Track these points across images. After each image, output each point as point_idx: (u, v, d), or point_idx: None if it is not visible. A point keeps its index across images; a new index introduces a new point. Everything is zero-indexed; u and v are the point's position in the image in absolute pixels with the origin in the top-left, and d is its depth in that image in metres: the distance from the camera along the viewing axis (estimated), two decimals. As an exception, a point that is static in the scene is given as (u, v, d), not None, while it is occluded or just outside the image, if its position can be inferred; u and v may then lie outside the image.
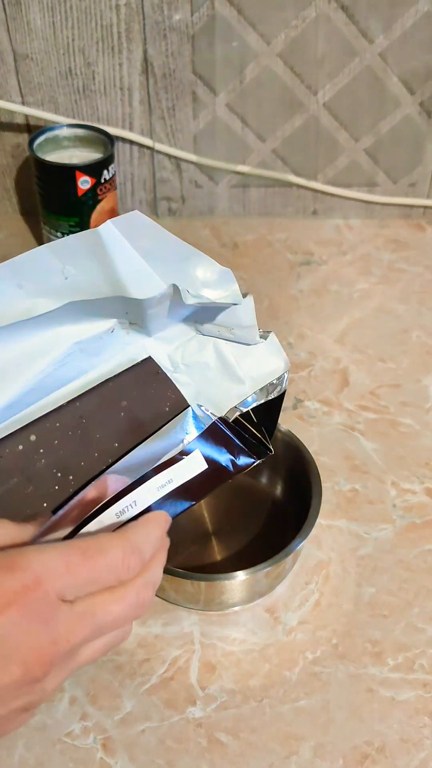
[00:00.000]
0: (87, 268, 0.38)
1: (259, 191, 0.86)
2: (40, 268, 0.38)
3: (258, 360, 0.46)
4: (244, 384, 0.45)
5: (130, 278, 0.38)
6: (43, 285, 0.39)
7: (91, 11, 0.73)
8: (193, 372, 0.46)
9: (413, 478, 0.62)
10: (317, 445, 0.64)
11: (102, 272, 0.38)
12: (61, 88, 0.78)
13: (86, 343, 0.42)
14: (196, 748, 0.47)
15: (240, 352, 0.46)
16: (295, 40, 0.75)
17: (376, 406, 0.68)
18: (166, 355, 0.45)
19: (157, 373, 0.44)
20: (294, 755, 0.47)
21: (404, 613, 0.54)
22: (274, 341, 0.46)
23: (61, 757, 0.47)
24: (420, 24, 0.74)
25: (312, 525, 0.52)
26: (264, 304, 0.77)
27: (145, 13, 0.73)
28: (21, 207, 0.87)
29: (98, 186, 0.75)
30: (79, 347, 0.42)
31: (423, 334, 0.75)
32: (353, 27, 0.74)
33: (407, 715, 0.49)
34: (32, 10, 0.73)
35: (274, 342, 0.46)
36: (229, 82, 0.78)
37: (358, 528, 0.59)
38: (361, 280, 0.81)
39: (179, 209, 0.87)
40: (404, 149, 0.83)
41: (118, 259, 0.38)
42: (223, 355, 0.45)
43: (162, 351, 0.45)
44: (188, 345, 0.45)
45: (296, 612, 0.54)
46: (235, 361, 0.45)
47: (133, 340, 0.45)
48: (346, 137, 0.82)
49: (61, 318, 0.40)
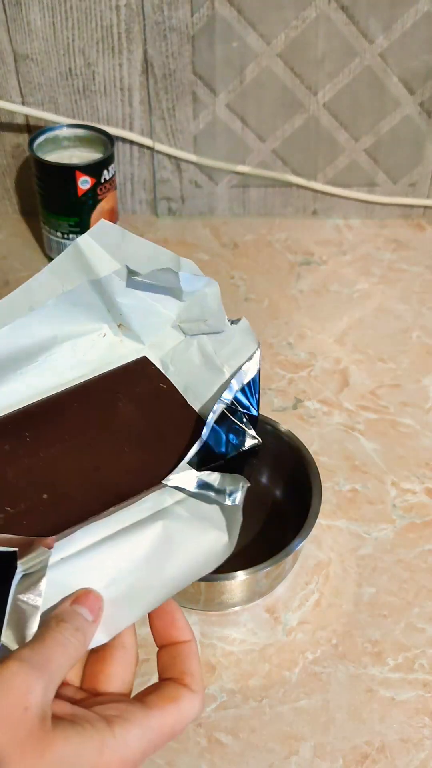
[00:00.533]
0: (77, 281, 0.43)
1: (259, 191, 0.86)
2: (46, 290, 0.42)
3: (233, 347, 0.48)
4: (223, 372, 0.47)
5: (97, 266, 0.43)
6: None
7: (91, 11, 0.73)
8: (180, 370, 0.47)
9: (413, 478, 0.62)
10: (317, 445, 0.64)
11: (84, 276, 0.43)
12: (61, 88, 0.78)
13: (80, 344, 0.45)
14: (196, 748, 0.47)
15: (218, 343, 0.48)
16: (295, 40, 0.75)
17: (376, 406, 0.68)
18: (158, 359, 0.47)
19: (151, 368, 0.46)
20: (294, 755, 0.47)
21: (404, 613, 0.54)
22: (246, 325, 0.48)
23: (61, 757, 0.47)
24: (420, 24, 0.74)
25: (312, 525, 0.52)
26: (264, 304, 0.77)
27: (145, 13, 0.73)
28: (21, 207, 0.87)
29: (98, 186, 0.75)
30: (72, 348, 0.45)
31: (423, 334, 0.75)
32: (353, 27, 0.74)
33: (407, 715, 0.49)
34: (32, 11, 0.73)
35: (246, 326, 0.48)
36: (229, 83, 0.78)
37: (358, 528, 0.59)
38: (361, 280, 0.81)
39: (179, 209, 0.87)
40: (404, 149, 0.83)
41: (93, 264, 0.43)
42: (204, 349, 0.48)
43: (155, 356, 0.47)
44: (177, 348, 0.47)
45: (296, 612, 0.54)
46: (215, 352, 0.47)
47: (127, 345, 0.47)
48: (346, 137, 0.82)
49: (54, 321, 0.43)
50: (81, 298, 0.43)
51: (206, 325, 0.47)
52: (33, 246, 0.84)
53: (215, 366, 0.47)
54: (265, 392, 0.69)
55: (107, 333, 0.46)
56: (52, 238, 0.79)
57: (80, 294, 0.43)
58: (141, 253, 0.44)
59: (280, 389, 0.69)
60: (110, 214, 0.79)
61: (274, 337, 0.74)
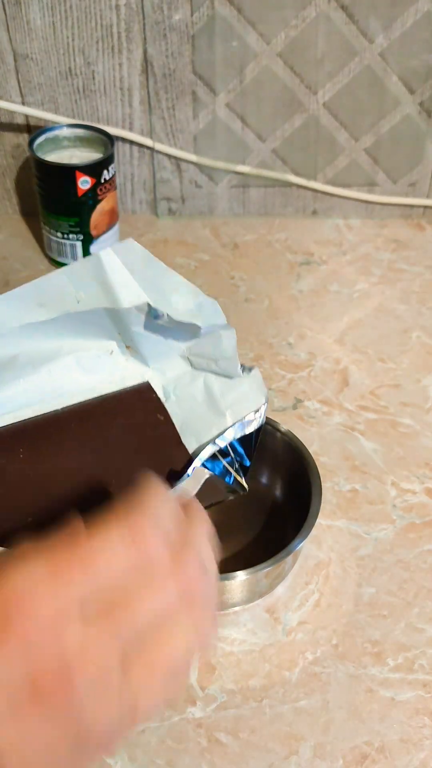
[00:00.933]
0: (93, 293, 0.41)
1: (259, 191, 0.86)
2: (59, 292, 0.41)
3: (241, 394, 0.48)
4: (224, 417, 0.47)
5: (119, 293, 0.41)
6: (61, 307, 0.41)
7: (91, 11, 0.73)
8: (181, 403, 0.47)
9: (413, 478, 0.62)
10: (317, 445, 0.64)
11: (102, 293, 0.42)
12: (61, 88, 0.78)
13: (85, 358, 0.45)
14: (196, 748, 0.47)
15: (226, 386, 0.47)
16: (295, 40, 0.75)
17: (376, 406, 0.68)
18: (160, 385, 0.47)
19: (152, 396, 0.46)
20: (294, 755, 0.47)
21: (404, 613, 0.54)
22: (258, 376, 0.48)
23: (61, 757, 0.47)
24: (420, 24, 0.74)
25: (312, 525, 0.52)
26: (264, 304, 0.77)
27: (145, 13, 0.73)
28: (21, 207, 0.87)
29: (98, 186, 0.75)
30: (77, 361, 0.44)
31: (423, 334, 0.75)
32: (353, 27, 0.74)
33: (407, 715, 0.49)
34: (32, 10, 0.73)
35: (257, 377, 0.48)
36: (229, 82, 0.78)
37: (358, 528, 0.59)
38: (361, 280, 0.81)
39: (179, 209, 0.87)
40: (404, 149, 0.83)
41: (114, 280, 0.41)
42: (210, 389, 0.47)
43: (158, 381, 0.47)
44: (182, 378, 0.47)
45: (296, 612, 0.54)
46: (220, 394, 0.47)
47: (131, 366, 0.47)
48: (346, 137, 0.82)
49: (64, 332, 0.43)
50: (93, 317, 0.43)
51: (217, 366, 0.46)
52: (33, 246, 0.84)
53: (218, 409, 0.47)
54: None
55: (114, 350, 0.46)
56: (52, 238, 0.79)
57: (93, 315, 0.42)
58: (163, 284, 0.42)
59: (280, 389, 0.69)
60: (110, 214, 0.79)
61: (274, 337, 0.74)
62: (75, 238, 0.78)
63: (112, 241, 0.80)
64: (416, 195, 0.86)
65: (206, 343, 0.45)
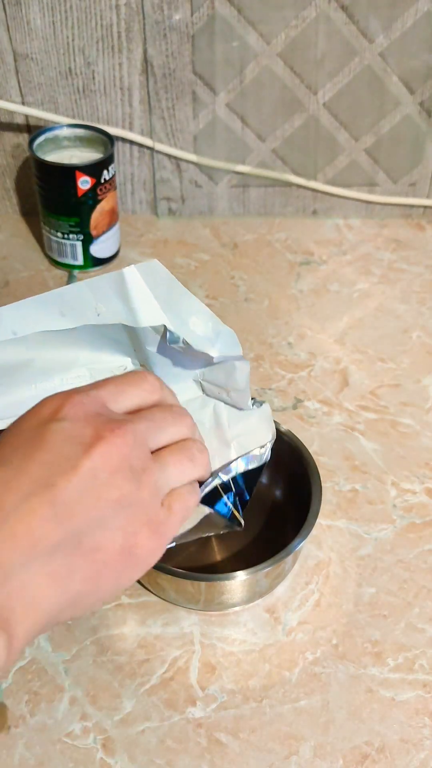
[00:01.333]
0: (113, 308, 0.42)
1: (259, 191, 0.86)
2: (80, 302, 0.42)
3: (248, 427, 0.48)
4: (229, 448, 0.47)
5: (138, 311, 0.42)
6: (81, 318, 0.42)
7: (91, 11, 0.73)
8: None
9: (413, 478, 0.62)
10: (317, 445, 0.64)
11: (122, 309, 0.42)
12: (61, 88, 0.78)
13: (98, 371, 0.45)
14: (196, 748, 0.47)
15: (234, 417, 0.47)
16: (295, 40, 0.75)
17: (376, 406, 0.68)
18: None
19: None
20: (294, 755, 0.47)
21: (404, 614, 0.54)
22: (267, 412, 0.48)
23: (61, 757, 0.47)
24: (420, 24, 0.74)
25: (312, 525, 0.52)
26: (264, 304, 0.77)
27: (145, 12, 0.73)
28: (21, 207, 0.87)
29: (98, 186, 0.75)
30: (90, 373, 0.45)
31: (423, 334, 0.75)
32: (353, 27, 0.74)
33: (407, 716, 0.49)
34: (32, 10, 0.73)
35: (267, 413, 0.48)
36: (229, 82, 0.78)
37: (358, 528, 0.59)
38: (361, 280, 0.81)
39: (179, 209, 0.87)
40: (404, 149, 0.83)
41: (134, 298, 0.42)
42: (219, 417, 0.48)
43: None
44: (193, 402, 0.48)
45: (296, 612, 0.54)
46: (228, 424, 0.47)
47: None
48: (346, 137, 0.82)
49: (81, 343, 0.44)
50: (112, 332, 0.43)
51: (228, 396, 0.46)
52: (33, 246, 0.84)
53: (224, 439, 0.47)
54: (265, 392, 0.69)
55: (128, 367, 0.46)
56: (52, 238, 0.79)
57: (112, 330, 0.43)
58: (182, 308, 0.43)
59: (280, 389, 0.69)
60: (110, 214, 0.79)
61: (274, 337, 0.74)
62: (75, 238, 0.78)
63: (113, 241, 0.80)
64: (416, 195, 0.86)
65: (220, 371, 0.45)
